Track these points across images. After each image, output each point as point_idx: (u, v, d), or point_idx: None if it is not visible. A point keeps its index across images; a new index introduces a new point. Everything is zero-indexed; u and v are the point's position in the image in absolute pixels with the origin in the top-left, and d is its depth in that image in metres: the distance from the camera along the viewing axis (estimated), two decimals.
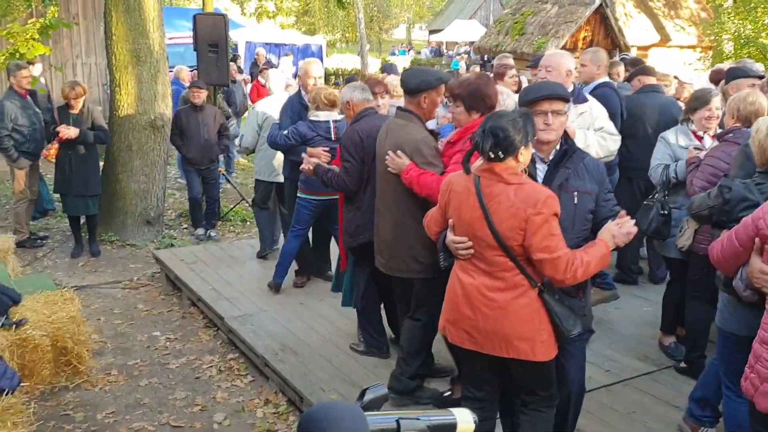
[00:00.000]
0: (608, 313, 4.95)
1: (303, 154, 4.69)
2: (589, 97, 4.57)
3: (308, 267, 5.74)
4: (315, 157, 4.78)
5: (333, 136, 5.07)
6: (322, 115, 5.12)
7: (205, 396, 4.29)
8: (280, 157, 5.79)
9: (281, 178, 5.88)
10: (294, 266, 5.67)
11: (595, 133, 4.33)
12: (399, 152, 3.59)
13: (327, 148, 4.96)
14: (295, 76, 8.09)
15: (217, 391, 4.35)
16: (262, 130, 6.02)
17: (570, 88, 4.32)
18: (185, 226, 8.30)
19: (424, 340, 3.81)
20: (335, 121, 5.11)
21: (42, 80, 10.27)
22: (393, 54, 30.81)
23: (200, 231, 7.56)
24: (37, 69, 10.03)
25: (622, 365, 4.28)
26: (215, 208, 7.73)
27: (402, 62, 23.59)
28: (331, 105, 5.12)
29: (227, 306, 5.25)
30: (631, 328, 4.84)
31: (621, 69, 6.74)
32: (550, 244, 2.63)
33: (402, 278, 3.79)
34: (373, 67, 23.68)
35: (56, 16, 8.93)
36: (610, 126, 4.47)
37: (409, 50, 34.47)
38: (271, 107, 6.06)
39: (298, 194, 5.27)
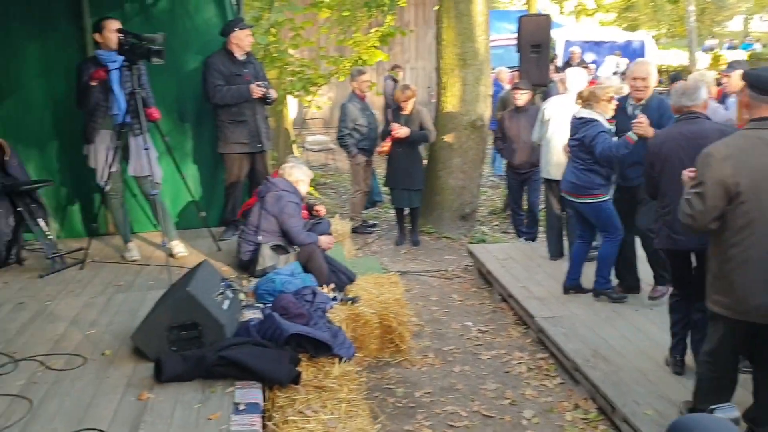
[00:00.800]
0: None
1: None
2: None
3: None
4: None
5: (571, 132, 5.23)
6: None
7: (514, 391, 4.38)
8: (554, 153, 5.91)
9: (556, 175, 5.86)
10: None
11: None
12: None
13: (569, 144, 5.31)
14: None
15: (526, 388, 4.41)
16: (543, 126, 6.20)
17: None
18: (496, 223, 8.54)
19: None
20: (576, 118, 5.19)
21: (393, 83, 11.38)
22: (730, 48, 27.77)
23: (523, 240, 7.33)
24: (399, 74, 11.10)
25: None
26: (536, 212, 7.35)
27: (739, 57, 21.19)
28: (583, 101, 5.18)
29: (537, 305, 5.29)
30: None
31: None
32: None
33: None
34: (703, 62, 21.70)
35: (393, 24, 9.76)
36: None
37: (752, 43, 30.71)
38: (558, 104, 6.13)
39: None
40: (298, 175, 5.19)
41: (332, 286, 4.74)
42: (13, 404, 3.17)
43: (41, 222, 5.28)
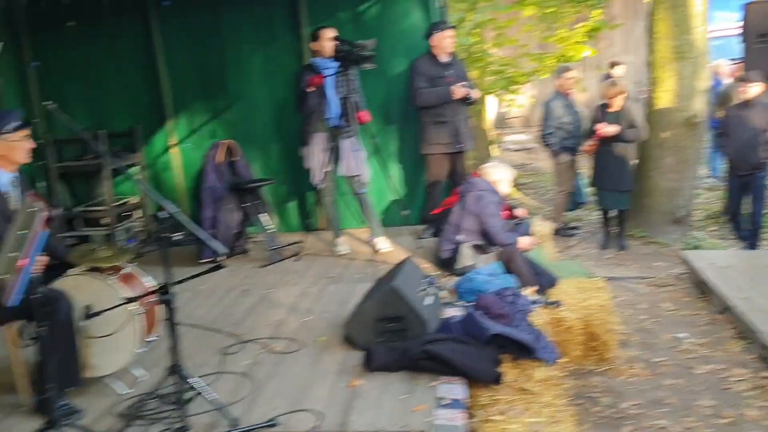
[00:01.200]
0: None
1: None
2: None
3: None
4: None
5: None
6: None
7: (734, 410, 4.01)
8: None
9: None
10: None
11: None
12: None
13: None
14: None
15: (748, 408, 4.02)
16: None
17: None
18: (713, 228, 7.89)
19: None
20: None
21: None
22: None
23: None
24: (618, 71, 10.66)
25: None
26: (758, 218, 6.52)
27: None
28: None
29: (762, 319, 4.80)
30: None
31: None
32: None
33: None
34: None
35: (600, 18, 9.37)
36: None
37: None
38: None
39: None
40: (498, 175, 5.18)
41: (535, 288, 4.67)
42: (239, 382, 3.50)
43: (264, 217, 5.79)
